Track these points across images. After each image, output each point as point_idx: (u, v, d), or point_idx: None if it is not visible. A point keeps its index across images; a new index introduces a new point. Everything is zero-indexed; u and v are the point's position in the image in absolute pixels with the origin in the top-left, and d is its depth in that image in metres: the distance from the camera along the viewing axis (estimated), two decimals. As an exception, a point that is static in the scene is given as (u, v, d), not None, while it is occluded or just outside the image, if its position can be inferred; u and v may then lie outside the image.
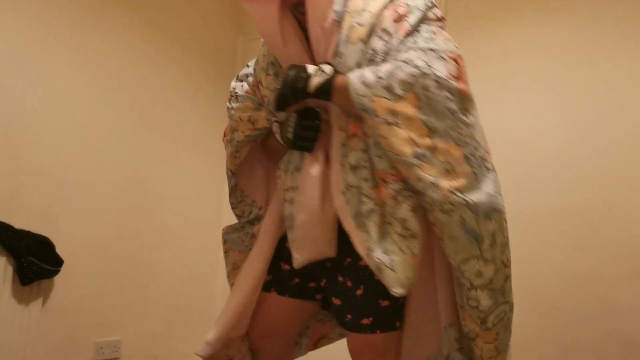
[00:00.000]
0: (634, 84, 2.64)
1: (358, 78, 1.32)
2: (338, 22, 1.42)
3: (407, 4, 1.41)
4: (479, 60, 2.95)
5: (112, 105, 2.92)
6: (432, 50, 1.32)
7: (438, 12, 1.44)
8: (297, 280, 1.61)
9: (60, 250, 2.52)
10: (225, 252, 1.78)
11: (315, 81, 1.36)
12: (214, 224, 3.39)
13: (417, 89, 1.28)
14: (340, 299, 1.50)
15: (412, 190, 1.34)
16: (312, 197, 1.46)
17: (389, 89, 1.28)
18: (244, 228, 1.77)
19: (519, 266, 2.71)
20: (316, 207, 1.46)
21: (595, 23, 2.77)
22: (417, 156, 1.27)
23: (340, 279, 1.49)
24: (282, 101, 1.40)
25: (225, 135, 1.74)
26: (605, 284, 2.57)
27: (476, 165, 1.31)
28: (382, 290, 1.38)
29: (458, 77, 1.33)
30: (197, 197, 3.40)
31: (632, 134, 2.62)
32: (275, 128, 1.59)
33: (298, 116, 1.46)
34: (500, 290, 1.38)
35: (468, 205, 1.27)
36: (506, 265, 1.38)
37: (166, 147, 3.22)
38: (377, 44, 1.37)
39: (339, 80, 1.35)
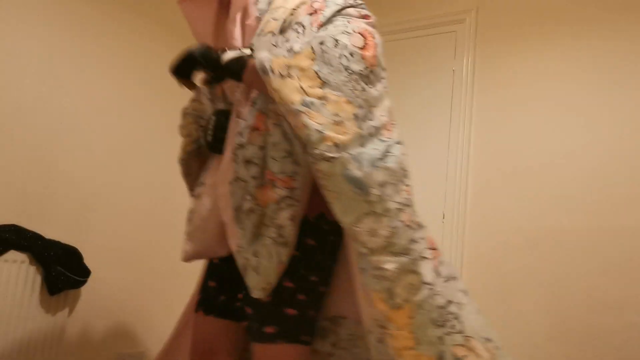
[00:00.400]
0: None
1: (266, 53, 1.32)
2: (259, 19, 1.46)
3: (325, 0, 1.43)
4: (507, 81, 2.95)
5: (144, 118, 2.97)
6: (339, 30, 1.33)
7: (363, 11, 1.44)
8: (222, 297, 1.56)
9: (87, 261, 2.55)
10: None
11: (230, 54, 1.36)
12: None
13: (314, 44, 1.29)
14: (250, 307, 1.42)
15: (296, 199, 1.33)
16: (208, 188, 1.50)
17: (289, 50, 1.31)
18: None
19: (546, 289, 2.68)
20: (210, 199, 1.49)
21: (622, 47, 2.74)
22: (306, 104, 1.24)
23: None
24: (188, 62, 1.40)
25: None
26: (635, 310, 2.50)
27: (365, 129, 1.27)
28: (288, 298, 1.36)
29: (362, 47, 1.32)
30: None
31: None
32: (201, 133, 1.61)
33: (216, 119, 1.48)
34: (405, 252, 1.24)
35: (351, 157, 1.23)
36: (410, 226, 1.26)
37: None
38: (291, 35, 1.38)
39: (252, 60, 1.34)
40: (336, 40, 1.29)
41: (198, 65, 1.39)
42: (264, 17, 1.45)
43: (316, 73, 1.26)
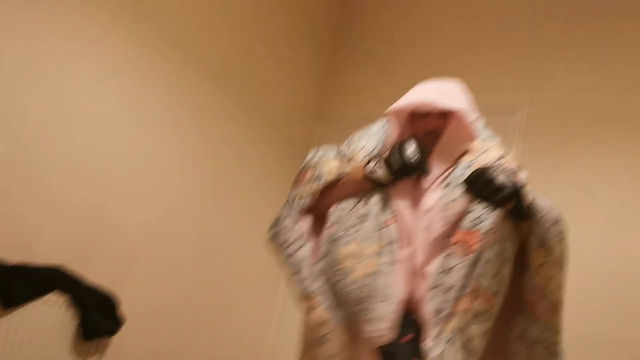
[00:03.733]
0: None
1: (546, 212, 1.49)
2: None
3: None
4: (551, 177, 2.95)
5: (189, 173, 3.04)
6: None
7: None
8: None
9: (123, 310, 2.58)
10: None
11: (528, 196, 1.50)
12: (269, 304, 3.41)
13: (563, 245, 1.51)
14: None
15: (490, 317, 1.46)
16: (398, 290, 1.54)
17: (556, 233, 1.50)
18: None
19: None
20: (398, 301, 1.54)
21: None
22: (560, 301, 1.49)
23: None
24: (504, 199, 1.48)
25: (301, 178, 1.77)
26: None
27: None
28: None
29: None
30: (257, 276, 3.42)
31: None
32: (373, 165, 1.63)
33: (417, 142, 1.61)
34: None
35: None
36: None
37: (233, 220, 3.30)
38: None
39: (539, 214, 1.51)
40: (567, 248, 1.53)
41: (513, 200, 1.49)
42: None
43: (564, 276, 1.50)
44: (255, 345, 3.38)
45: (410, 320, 1.56)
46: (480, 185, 1.47)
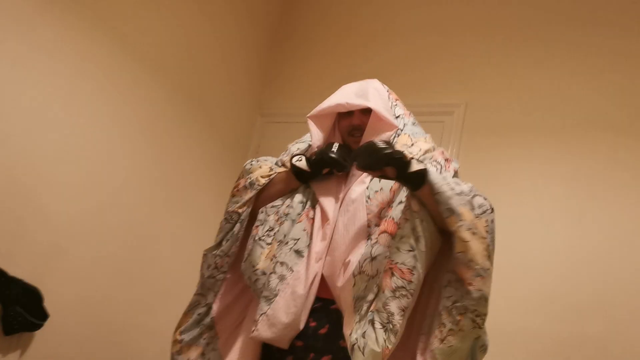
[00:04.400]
0: None
1: (445, 183, 1.50)
2: None
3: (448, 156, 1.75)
4: (487, 177, 3.01)
5: (124, 164, 2.96)
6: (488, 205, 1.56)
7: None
8: None
9: (47, 304, 2.49)
10: (178, 352, 1.76)
11: (417, 166, 1.51)
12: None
13: (487, 217, 1.50)
14: None
15: (409, 292, 1.47)
16: (306, 288, 1.59)
17: (470, 204, 1.49)
18: (202, 320, 1.77)
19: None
20: (308, 298, 1.59)
21: (607, 154, 2.84)
22: (484, 270, 1.45)
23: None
24: (380, 160, 1.49)
25: (236, 187, 1.82)
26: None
27: None
28: None
29: None
30: (192, 269, 3.37)
31: (636, 268, 2.63)
32: (297, 160, 1.75)
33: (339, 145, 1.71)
34: None
35: (484, 336, 1.47)
36: None
37: (168, 215, 3.24)
38: (431, 169, 1.56)
39: (429, 181, 1.51)
40: (493, 222, 1.52)
41: (391, 164, 1.50)
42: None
43: (488, 246, 1.48)
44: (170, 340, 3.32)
45: (328, 310, 1.61)
46: (364, 156, 1.52)
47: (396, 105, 1.84)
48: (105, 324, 2.86)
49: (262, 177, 1.78)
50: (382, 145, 1.50)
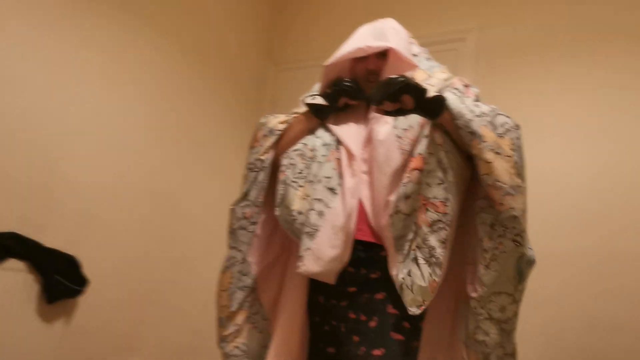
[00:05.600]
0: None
1: (464, 107, 1.48)
2: None
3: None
4: (506, 101, 2.97)
5: (145, 129, 2.99)
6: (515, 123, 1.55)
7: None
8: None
9: (86, 270, 2.56)
10: (228, 318, 1.76)
11: (434, 90, 1.53)
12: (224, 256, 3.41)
13: (512, 135, 1.49)
14: (357, 335, 1.55)
15: (447, 224, 1.48)
16: (346, 222, 1.58)
17: (492, 124, 1.48)
18: (243, 281, 1.77)
19: (545, 309, 2.70)
20: (348, 231, 1.58)
21: (617, 73, 2.77)
22: (513, 187, 1.43)
23: (353, 315, 1.58)
24: (400, 89, 1.46)
25: (255, 139, 1.81)
26: (632, 333, 2.52)
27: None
28: (395, 324, 1.51)
29: None
30: (222, 223, 3.42)
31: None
32: (311, 99, 1.74)
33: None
34: (507, 334, 1.50)
35: (527, 250, 1.46)
36: (517, 315, 1.51)
37: (193, 172, 3.27)
38: (452, 96, 1.54)
39: (449, 107, 1.49)
40: (520, 135, 1.52)
41: (408, 92, 1.47)
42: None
43: (515, 163, 1.46)
44: (211, 295, 3.41)
45: (379, 257, 1.61)
46: (380, 89, 1.49)
47: (412, 43, 1.81)
48: (145, 284, 2.94)
49: (280, 122, 1.77)
50: (397, 77, 1.47)
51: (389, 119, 1.64)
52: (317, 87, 1.84)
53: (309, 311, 1.71)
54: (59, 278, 2.42)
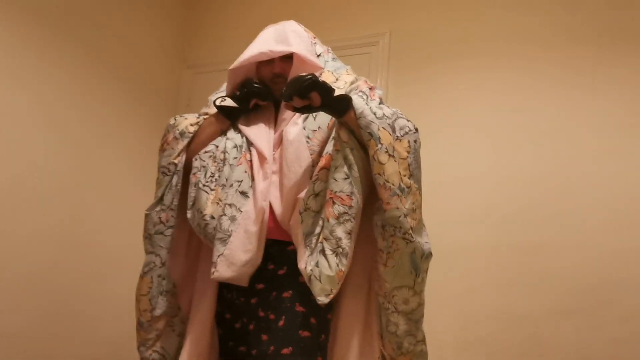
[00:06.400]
0: (564, 131, 2.79)
1: (367, 108, 1.55)
2: None
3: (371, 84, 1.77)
4: (418, 103, 3.07)
5: (52, 133, 2.87)
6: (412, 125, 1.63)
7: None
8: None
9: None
10: (149, 322, 1.74)
11: (340, 91, 1.58)
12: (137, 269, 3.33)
13: (410, 137, 1.57)
14: (265, 333, 1.58)
15: (351, 216, 1.55)
16: (258, 226, 1.61)
17: (391, 127, 1.56)
18: (163, 286, 1.75)
19: (454, 302, 2.81)
20: (261, 234, 1.62)
21: (530, 67, 2.92)
22: (401, 188, 1.51)
23: (262, 314, 1.61)
24: (308, 86, 1.50)
25: (165, 141, 1.79)
26: (534, 322, 2.66)
27: (421, 215, 1.59)
28: (302, 321, 1.56)
29: None
30: (134, 230, 3.33)
31: (560, 177, 2.75)
32: (220, 101, 1.75)
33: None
34: (415, 322, 1.60)
35: (419, 243, 1.53)
36: (421, 305, 1.61)
37: (103, 179, 3.17)
38: (357, 99, 1.61)
39: (353, 106, 1.56)
40: (418, 138, 1.61)
41: (316, 89, 1.51)
42: None
43: (409, 165, 1.55)
44: (125, 304, 3.32)
45: (285, 252, 1.65)
46: (289, 86, 1.54)
47: (315, 43, 1.84)
48: (56, 296, 2.83)
49: (190, 125, 1.76)
50: (306, 75, 1.52)
51: (299, 120, 1.69)
52: (224, 87, 1.86)
53: (220, 307, 1.73)
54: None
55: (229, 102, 1.74)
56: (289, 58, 1.74)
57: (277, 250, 1.65)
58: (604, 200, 2.66)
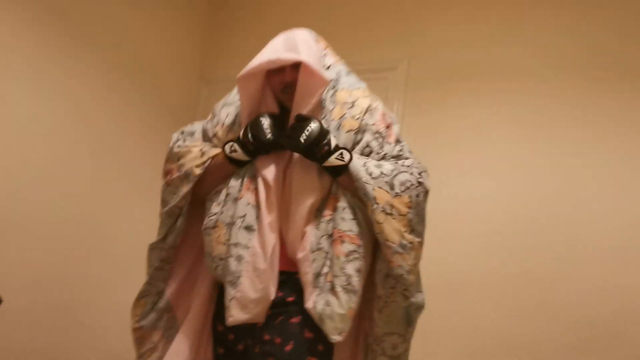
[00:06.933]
0: (576, 161, 2.78)
1: (363, 170, 1.55)
2: (322, 108, 1.66)
3: (391, 116, 1.73)
4: (433, 129, 3.07)
5: (66, 140, 2.91)
6: (418, 164, 1.64)
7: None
8: None
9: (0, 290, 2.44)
10: (141, 339, 1.75)
11: (336, 162, 1.56)
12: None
13: (411, 192, 1.57)
14: (271, 357, 1.55)
15: (360, 255, 1.56)
16: (268, 262, 1.57)
17: (390, 184, 1.55)
18: (157, 305, 1.76)
19: (461, 332, 2.78)
20: (272, 269, 1.58)
21: (536, 105, 2.92)
22: (402, 246, 1.53)
23: (267, 337, 1.58)
24: (318, 136, 1.53)
25: (169, 174, 1.75)
26: (545, 355, 2.63)
27: (419, 266, 1.62)
28: (310, 347, 1.56)
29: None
30: (141, 240, 3.34)
31: (573, 208, 2.74)
32: (229, 148, 1.65)
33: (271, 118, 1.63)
34: None
35: (416, 302, 1.59)
36: (407, 351, 1.67)
37: (116, 191, 3.19)
38: (372, 143, 1.63)
39: (350, 166, 1.56)
40: (426, 191, 1.61)
41: (320, 140, 1.54)
42: (333, 107, 1.66)
43: (409, 221, 1.56)
44: (127, 321, 3.31)
45: (293, 280, 1.62)
46: (287, 142, 1.57)
47: (326, 54, 1.78)
48: (60, 304, 2.83)
49: (196, 166, 1.68)
50: (302, 136, 1.53)
51: None
52: (234, 94, 1.81)
53: (224, 327, 1.69)
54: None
55: (240, 155, 1.64)
56: (299, 67, 1.66)
57: (286, 278, 1.62)
58: (616, 233, 2.64)
